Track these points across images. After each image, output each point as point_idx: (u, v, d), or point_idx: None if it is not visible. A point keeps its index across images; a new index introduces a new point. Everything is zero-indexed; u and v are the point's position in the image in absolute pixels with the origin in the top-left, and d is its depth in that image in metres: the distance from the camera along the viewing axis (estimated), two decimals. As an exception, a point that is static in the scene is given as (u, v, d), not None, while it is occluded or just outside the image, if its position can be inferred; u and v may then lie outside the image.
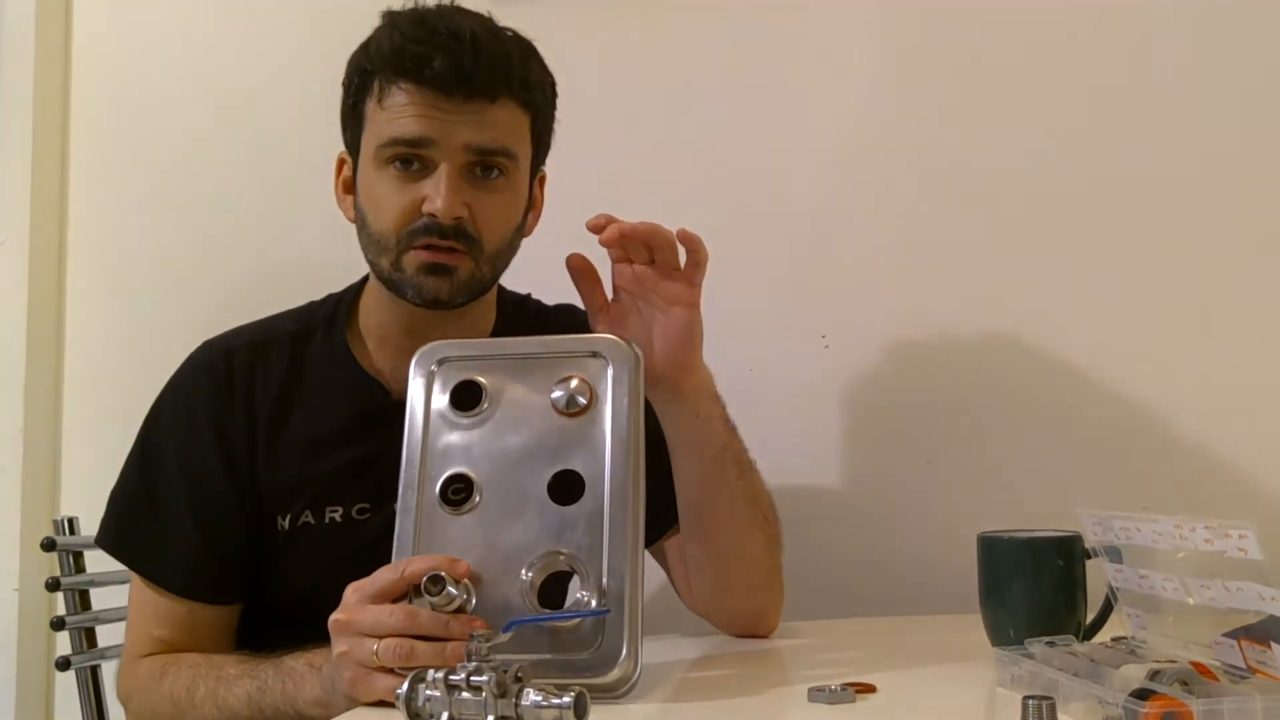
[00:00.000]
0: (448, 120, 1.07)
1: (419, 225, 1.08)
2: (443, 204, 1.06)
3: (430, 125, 1.07)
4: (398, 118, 1.07)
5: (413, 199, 1.08)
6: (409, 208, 1.08)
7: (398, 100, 1.07)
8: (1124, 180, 1.45)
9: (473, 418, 1.01)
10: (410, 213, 1.08)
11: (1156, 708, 0.72)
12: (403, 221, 1.09)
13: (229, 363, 1.18)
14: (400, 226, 1.09)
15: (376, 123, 1.09)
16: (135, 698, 1.14)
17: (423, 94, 1.07)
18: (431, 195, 1.07)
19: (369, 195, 1.11)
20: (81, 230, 1.86)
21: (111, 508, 1.19)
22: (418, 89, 1.07)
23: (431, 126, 1.07)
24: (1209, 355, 1.41)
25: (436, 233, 1.08)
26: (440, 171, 1.07)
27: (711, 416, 1.10)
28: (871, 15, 1.56)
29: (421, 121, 1.07)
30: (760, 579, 1.16)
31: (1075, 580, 1.03)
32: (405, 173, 1.09)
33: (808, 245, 1.55)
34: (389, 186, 1.09)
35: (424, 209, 1.07)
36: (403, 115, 1.07)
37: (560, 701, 0.73)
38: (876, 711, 0.87)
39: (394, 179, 1.09)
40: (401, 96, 1.07)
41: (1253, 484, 1.37)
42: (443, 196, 1.06)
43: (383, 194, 1.09)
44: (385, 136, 1.08)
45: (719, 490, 1.10)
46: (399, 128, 1.07)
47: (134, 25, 1.87)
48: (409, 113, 1.07)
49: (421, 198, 1.08)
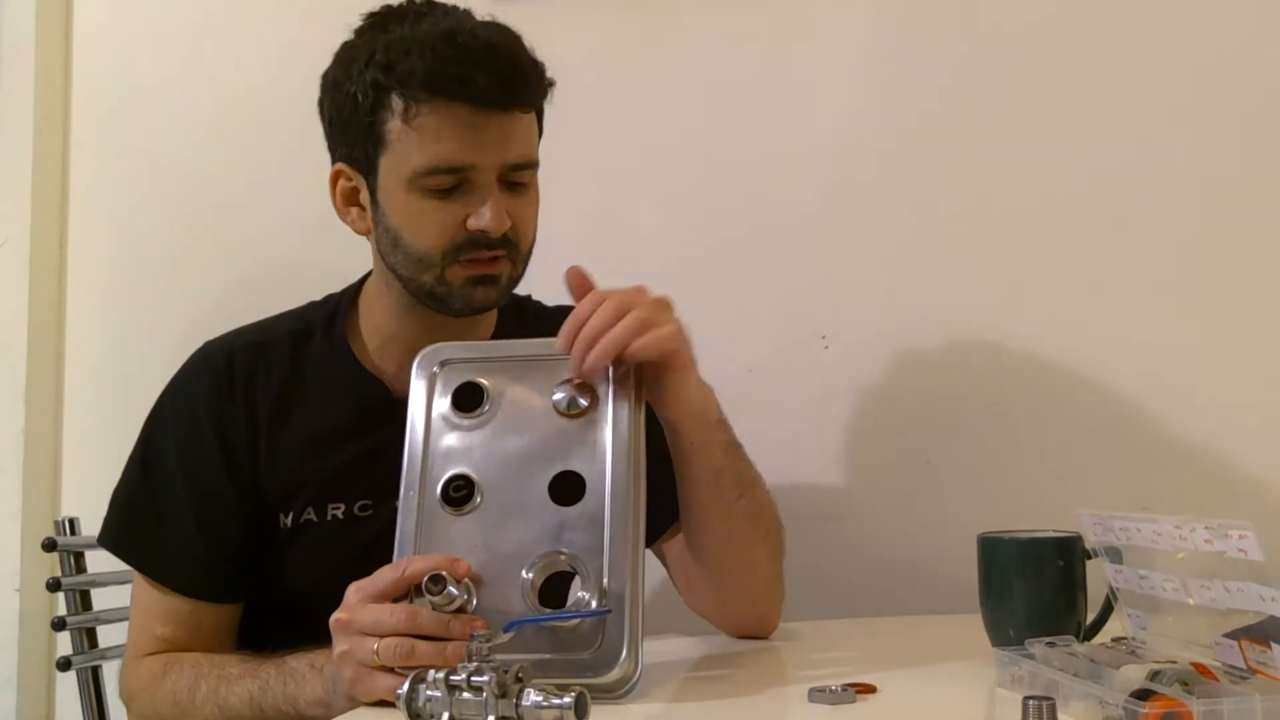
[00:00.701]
0: (486, 140, 1.07)
1: (463, 240, 1.09)
2: (494, 222, 1.08)
3: (472, 149, 1.07)
4: (435, 141, 1.06)
5: (456, 217, 1.09)
6: (452, 226, 1.09)
7: (432, 122, 1.06)
8: (1124, 180, 1.45)
9: (474, 419, 1.01)
10: (454, 230, 1.09)
11: (1157, 708, 0.72)
12: (446, 239, 1.09)
13: (230, 362, 1.18)
14: (444, 244, 1.09)
15: (406, 144, 1.07)
16: (137, 697, 1.14)
17: (460, 113, 1.06)
18: (478, 212, 1.08)
19: (405, 216, 1.10)
20: (82, 231, 1.86)
21: (113, 507, 1.19)
22: (457, 108, 1.05)
23: (473, 150, 1.07)
24: (1209, 355, 1.41)
25: (484, 245, 1.09)
26: (484, 190, 1.08)
27: (706, 444, 1.07)
28: (871, 15, 1.56)
29: (464, 145, 1.06)
30: (761, 588, 1.16)
31: (1075, 580, 1.03)
32: (445, 192, 1.08)
33: (808, 245, 1.55)
34: (428, 207, 1.09)
35: (470, 225, 1.08)
36: (442, 139, 1.06)
37: (561, 702, 0.73)
38: (876, 711, 0.88)
39: (433, 200, 1.08)
40: (435, 118, 1.06)
41: (1253, 484, 1.38)
42: (492, 214, 1.07)
43: (421, 214, 1.09)
44: (424, 163, 1.07)
45: (716, 511, 1.10)
46: (440, 153, 1.06)
47: (134, 26, 1.87)
48: (449, 136, 1.06)
49: (463, 215, 1.08)
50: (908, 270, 1.52)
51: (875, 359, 1.52)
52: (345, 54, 1.13)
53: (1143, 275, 1.44)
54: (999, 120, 1.50)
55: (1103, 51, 1.47)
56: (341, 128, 1.13)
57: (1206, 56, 1.43)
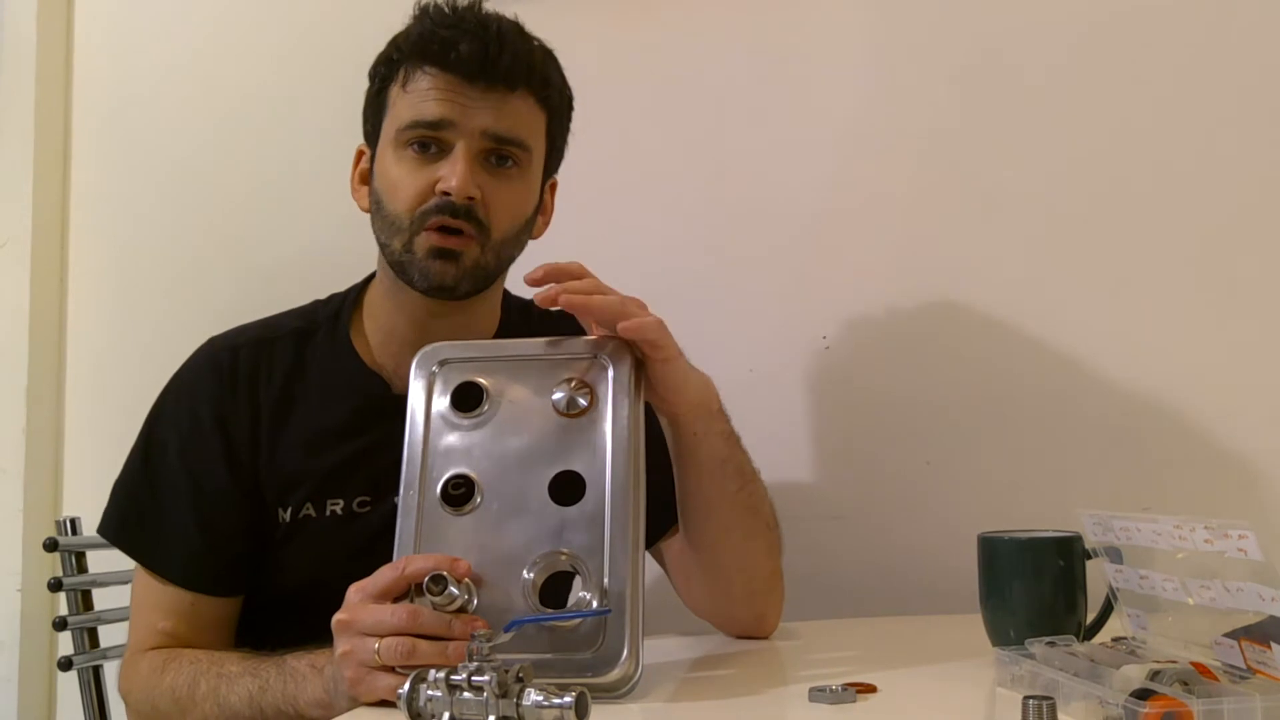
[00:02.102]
0: (468, 105, 1.10)
1: (432, 205, 1.11)
2: (457, 182, 1.09)
3: (451, 108, 1.10)
4: (420, 101, 1.11)
5: (428, 179, 1.11)
6: (424, 188, 1.11)
7: (421, 84, 1.12)
8: (1124, 180, 1.45)
9: (474, 419, 1.01)
10: (425, 193, 1.11)
11: (1157, 708, 0.72)
12: (417, 201, 1.11)
13: (233, 358, 1.19)
14: (414, 206, 1.11)
15: (398, 106, 1.13)
16: (135, 692, 1.14)
17: (446, 78, 1.10)
18: (447, 174, 1.10)
19: (385, 177, 1.14)
20: (83, 231, 1.86)
21: (114, 498, 1.20)
22: (442, 73, 1.11)
23: (452, 109, 1.10)
24: (1209, 355, 1.41)
25: (449, 211, 1.10)
26: (456, 152, 1.10)
27: (710, 433, 1.08)
28: (872, 14, 1.56)
29: (443, 105, 1.10)
30: (760, 585, 1.16)
31: (1075, 580, 1.03)
32: (423, 155, 1.12)
33: (808, 245, 1.56)
34: (406, 168, 1.12)
35: (438, 188, 1.10)
36: (425, 99, 1.11)
37: (561, 701, 0.73)
38: (877, 711, 0.87)
39: (411, 160, 1.12)
40: (425, 80, 1.11)
41: (1253, 484, 1.38)
42: (458, 175, 1.09)
43: (399, 175, 1.12)
44: (406, 119, 1.12)
45: (718, 502, 1.10)
46: (420, 110, 1.11)
47: (135, 26, 1.87)
48: (432, 96, 1.11)
49: (436, 178, 1.11)
50: (908, 270, 1.52)
51: (875, 359, 1.52)
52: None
53: (1143, 275, 1.44)
54: (1000, 121, 1.50)
55: (1106, 49, 1.47)
56: (365, 107, 1.19)
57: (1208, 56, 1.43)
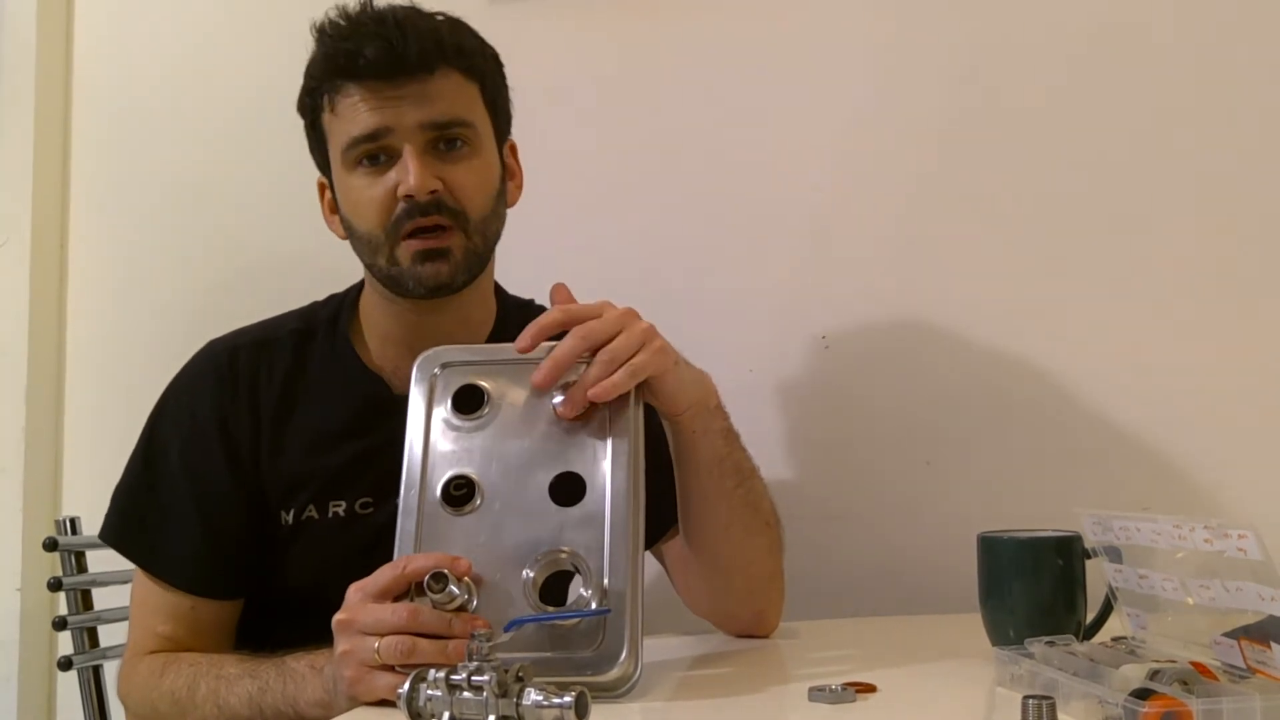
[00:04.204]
0: (396, 105, 1.09)
1: (400, 212, 1.10)
2: (414, 181, 1.09)
3: (382, 115, 1.09)
4: (350, 119, 1.11)
5: (387, 189, 1.11)
6: (386, 199, 1.11)
7: (345, 103, 1.11)
8: (1124, 182, 1.45)
9: (474, 421, 1.02)
10: (388, 203, 1.11)
11: (1156, 707, 0.73)
12: (384, 214, 1.11)
13: (233, 360, 1.19)
14: (384, 220, 1.11)
15: (334, 131, 1.13)
16: (135, 695, 1.14)
17: (365, 87, 1.10)
18: (402, 179, 1.09)
19: (347, 201, 1.14)
20: (83, 231, 1.86)
21: (115, 503, 1.20)
22: (359, 84, 1.10)
23: (383, 116, 1.09)
24: (1209, 355, 1.41)
25: (419, 212, 1.10)
26: (405, 154, 1.10)
27: (708, 430, 1.08)
28: (872, 14, 1.56)
29: (372, 114, 1.10)
30: (760, 583, 1.16)
31: (1075, 580, 1.03)
32: (374, 168, 1.11)
33: (808, 245, 1.56)
34: (361, 186, 1.12)
35: (399, 194, 1.10)
36: (355, 114, 1.10)
37: (561, 701, 0.73)
38: (876, 711, 0.88)
39: (364, 177, 1.12)
40: (347, 98, 1.11)
41: (1253, 484, 1.38)
42: (412, 174, 1.09)
43: (359, 195, 1.12)
44: (344, 140, 1.12)
45: (717, 499, 1.10)
46: (353, 127, 1.10)
47: (135, 26, 1.87)
48: (360, 109, 1.10)
49: (394, 185, 1.10)
50: (908, 270, 1.52)
51: (875, 359, 1.52)
52: None
53: (1143, 276, 1.44)
54: (1000, 121, 1.50)
55: (1106, 51, 1.47)
56: (309, 144, 1.19)
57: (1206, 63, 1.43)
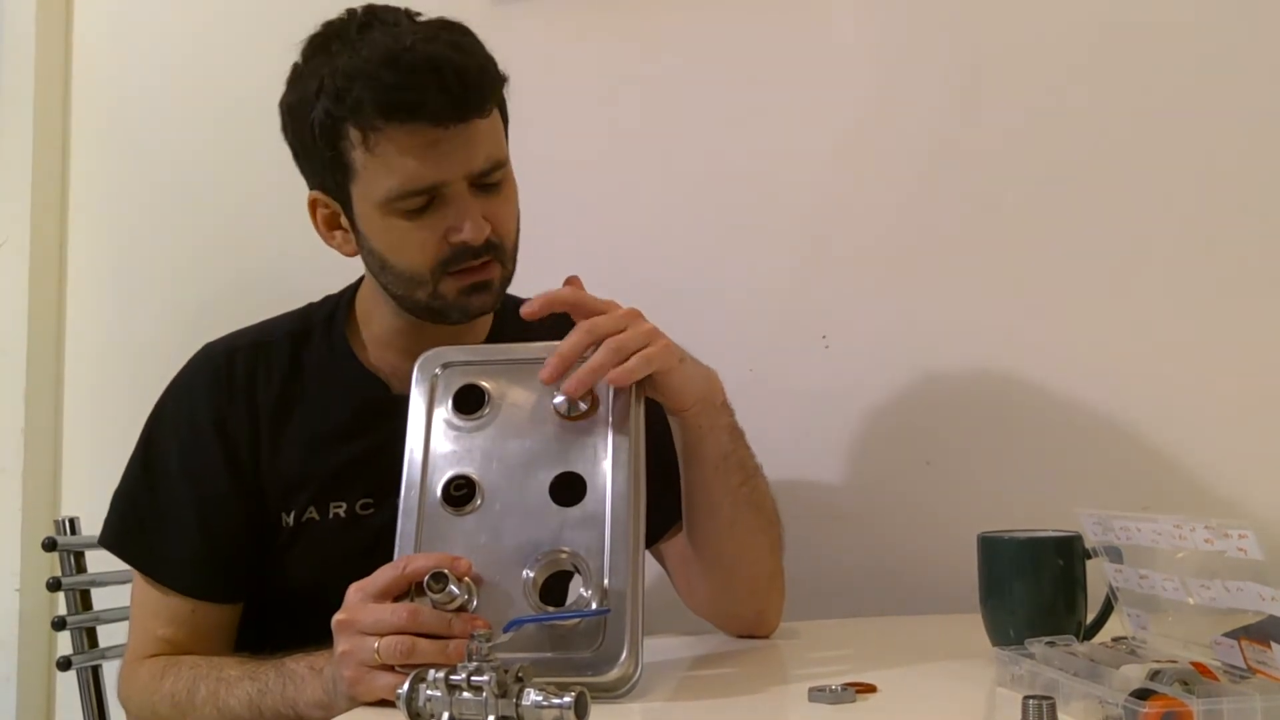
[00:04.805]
0: (450, 152, 1.06)
1: (449, 254, 1.09)
2: (472, 232, 1.08)
3: (437, 167, 1.06)
4: (396, 168, 1.06)
5: (435, 233, 1.09)
6: (434, 242, 1.09)
7: (392, 147, 1.05)
8: (1124, 182, 1.45)
9: (475, 421, 1.02)
10: (438, 247, 1.09)
11: (1157, 708, 0.72)
12: (432, 255, 1.09)
13: (231, 362, 1.19)
14: (430, 261, 1.09)
15: (372, 171, 1.07)
16: (135, 698, 1.14)
17: (417, 135, 1.05)
18: (455, 225, 1.08)
19: (384, 239, 1.11)
20: (82, 231, 1.86)
21: (115, 508, 1.19)
22: (414, 130, 1.05)
23: (438, 168, 1.06)
24: (1209, 355, 1.41)
25: (470, 255, 1.09)
26: (456, 200, 1.08)
27: (714, 427, 1.08)
28: (872, 14, 1.56)
29: (427, 165, 1.06)
30: (762, 582, 1.16)
31: (1075, 580, 1.03)
32: (419, 213, 1.08)
33: (808, 245, 1.55)
34: (407, 228, 1.09)
35: (451, 240, 1.08)
36: (401, 164, 1.06)
37: (561, 701, 0.73)
38: (877, 711, 0.88)
39: (409, 220, 1.09)
40: (395, 143, 1.05)
41: (1252, 484, 1.37)
42: (471, 223, 1.08)
43: (402, 236, 1.09)
44: (392, 189, 1.07)
45: (722, 496, 1.10)
46: (405, 178, 1.06)
47: (134, 26, 1.87)
48: (413, 157, 1.05)
49: (443, 229, 1.08)
50: (908, 270, 1.52)
51: (875, 359, 1.52)
52: (296, 80, 1.13)
53: (1143, 275, 1.44)
54: (1000, 121, 1.50)
55: (1106, 54, 1.47)
56: (307, 158, 1.14)
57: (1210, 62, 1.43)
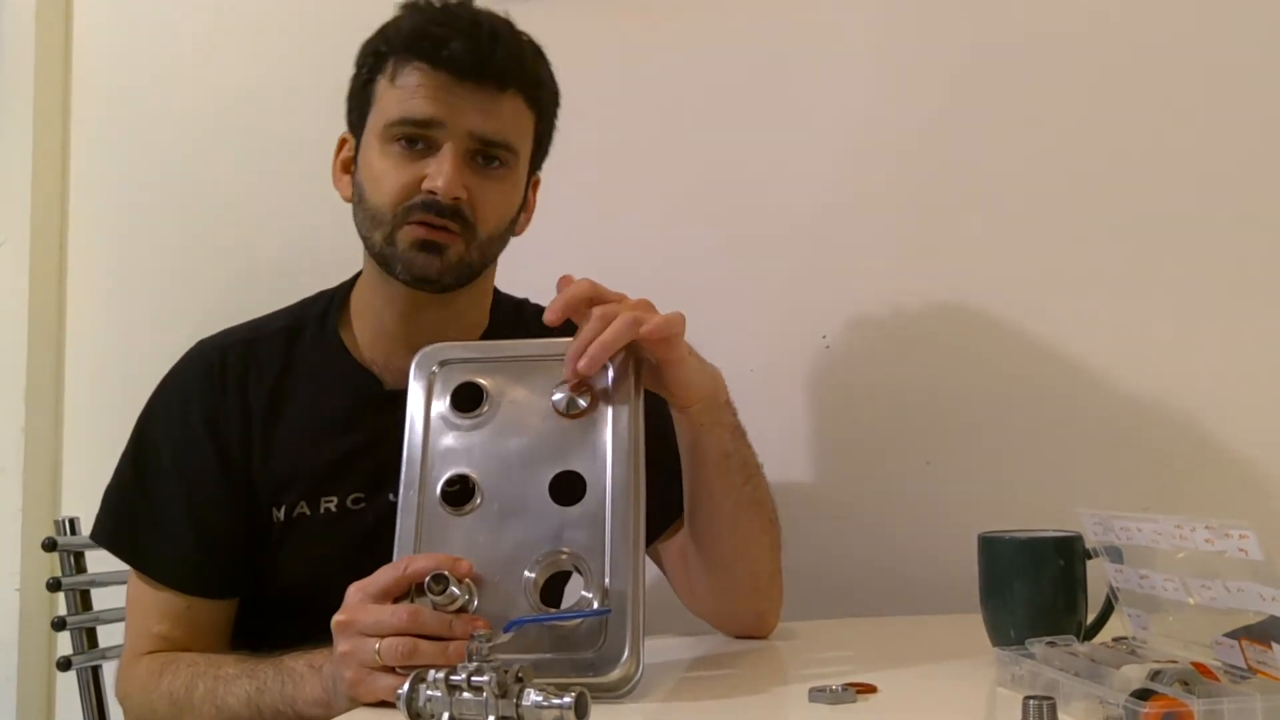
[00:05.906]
0: (457, 104, 1.10)
1: (416, 202, 1.10)
2: (444, 183, 1.09)
3: (440, 107, 1.10)
4: (410, 97, 1.10)
5: (413, 176, 1.10)
6: (409, 184, 1.11)
7: (411, 80, 1.11)
8: (1123, 181, 1.45)
9: (473, 419, 1.01)
10: (410, 189, 1.11)
11: (1157, 708, 0.72)
12: (401, 197, 1.11)
13: (222, 359, 1.19)
14: (398, 201, 1.11)
15: (386, 100, 1.12)
16: (133, 696, 1.14)
17: (436, 76, 1.10)
18: (433, 174, 1.09)
19: (370, 170, 1.14)
20: (82, 231, 1.86)
21: (106, 504, 1.19)
22: (432, 70, 1.10)
23: (441, 108, 1.10)
24: (1210, 355, 1.41)
25: (434, 210, 1.10)
26: (444, 152, 1.10)
27: (717, 425, 1.08)
28: (872, 15, 1.56)
29: (433, 103, 1.10)
30: (762, 582, 1.16)
31: (1075, 580, 1.03)
32: (409, 151, 1.11)
33: (808, 245, 1.55)
34: (392, 163, 1.12)
35: (424, 186, 1.10)
36: (415, 95, 1.10)
37: (561, 702, 0.73)
38: (877, 711, 0.87)
39: (397, 155, 1.11)
40: (415, 76, 1.11)
41: (1253, 484, 1.38)
42: (445, 176, 1.09)
43: (384, 169, 1.12)
44: (394, 115, 1.11)
45: (724, 495, 1.10)
46: (410, 107, 1.10)
47: (134, 25, 1.87)
48: (421, 93, 1.10)
49: (422, 175, 1.10)
50: (908, 270, 1.52)
51: (875, 359, 1.52)
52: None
53: (1144, 275, 1.44)
54: (1000, 121, 1.50)
55: (1107, 51, 1.47)
56: (350, 96, 1.18)
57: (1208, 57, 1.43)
